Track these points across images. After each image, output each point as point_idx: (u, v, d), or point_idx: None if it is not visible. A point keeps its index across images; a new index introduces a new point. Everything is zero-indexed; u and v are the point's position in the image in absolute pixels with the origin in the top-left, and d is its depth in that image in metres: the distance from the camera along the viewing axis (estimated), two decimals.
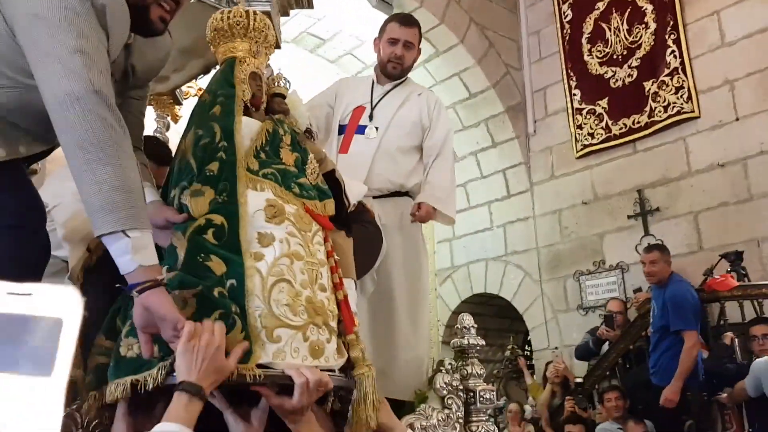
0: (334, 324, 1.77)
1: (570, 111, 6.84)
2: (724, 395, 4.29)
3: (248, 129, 1.87)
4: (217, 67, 2.07)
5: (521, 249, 7.16)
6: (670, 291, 4.49)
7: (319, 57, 7.32)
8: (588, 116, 6.68)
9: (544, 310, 6.85)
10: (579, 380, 5.57)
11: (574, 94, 6.82)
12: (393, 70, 2.92)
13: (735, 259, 5.04)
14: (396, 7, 6.37)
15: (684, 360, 4.36)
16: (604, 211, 6.48)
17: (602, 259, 6.44)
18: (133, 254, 1.39)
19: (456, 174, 8.26)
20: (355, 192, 2.36)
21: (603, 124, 6.53)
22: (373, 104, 2.90)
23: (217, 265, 1.63)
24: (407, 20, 3.01)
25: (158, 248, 1.55)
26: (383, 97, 2.92)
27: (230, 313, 1.56)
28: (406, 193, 2.87)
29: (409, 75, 3.05)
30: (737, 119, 5.62)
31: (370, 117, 2.84)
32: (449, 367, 2.53)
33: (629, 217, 6.23)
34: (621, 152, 6.39)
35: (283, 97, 2.07)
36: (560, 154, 6.93)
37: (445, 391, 2.47)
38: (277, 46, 3.03)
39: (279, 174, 1.83)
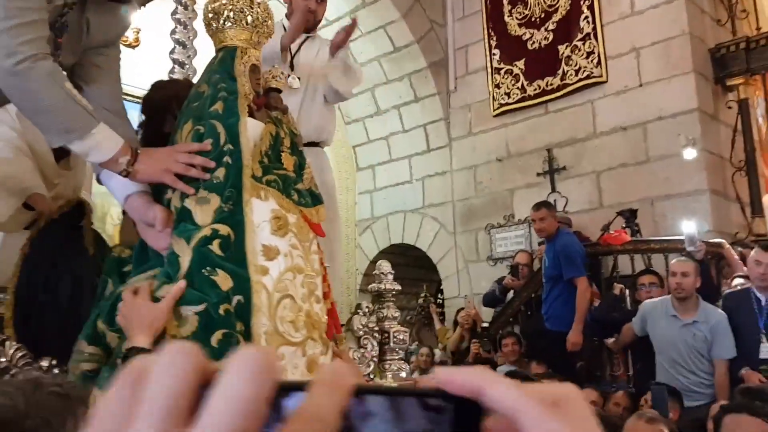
0: (325, 335, 1.78)
1: (489, 70, 7.06)
2: (612, 340, 4.71)
3: (252, 131, 1.77)
4: (215, 53, 1.95)
5: (438, 202, 7.43)
6: (559, 243, 4.84)
7: None
8: (506, 76, 6.93)
9: (457, 260, 7.20)
10: (485, 325, 5.94)
11: (494, 54, 7.04)
12: (307, 23, 3.01)
13: (630, 216, 5.47)
14: None
15: (580, 303, 4.74)
16: (516, 168, 6.81)
17: (512, 213, 6.79)
18: (87, 157, 1.67)
19: (378, 127, 8.35)
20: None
21: (519, 84, 6.80)
22: (292, 54, 2.99)
23: (224, 280, 1.58)
24: None
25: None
26: (299, 48, 3.03)
27: (234, 333, 1.54)
28: (318, 144, 2.99)
29: (335, 24, 3.16)
30: (641, 85, 5.99)
31: (291, 67, 2.94)
32: (366, 310, 2.72)
33: (538, 174, 6.58)
34: (534, 112, 6.69)
35: (280, 92, 1.99)
36: (478, 112, 7.17)
37: (361, 332, 2.66)
38: None
39: (281, 180, 1.78)
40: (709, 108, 5.81)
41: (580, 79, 6.33)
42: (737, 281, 4.43)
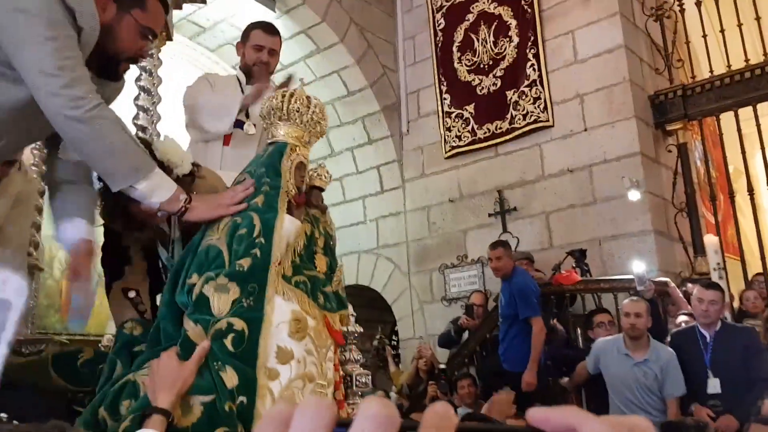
0: None
1: (440, 114, 7.24)
2: (566, 379, 4.80)
3: (288, 228, 1.76)
4: (265, 146, 1.94)
5: (392, 243, 7.49)
6: (515, 283, 4.94)
7: (199, 45, 7.23)
8: (456, 120, 7.11)
9: (411, 301, 7.24)
10: (442, 366, 5.96)
11: (445, 99, 7.22)
12: (259, 74, 3.07)
13: (579, 256, 5.63)
14: (279, 4, 6.46)
15: (535, 344, 4.81)
16: (468, 209, 6.94)
17: (465, 253, 6.90)
18: (150, 198, 1.75)
19: (332, 168, 8.41)
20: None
21: (469, 127, 6.98)
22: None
23: (230, 377, 1.55)
24: (271, 29, 3.19)
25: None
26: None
27: None
28: None
29: (292, 68, 3.23)
30: (585, 130, 6.23)
31: (247, 114, 2.99)
32: None
33: (490, 215, 6.72)
34: (484, 155, 6.87)
35: (322, 190, 1.98)
36: (430, 154, 7.31)
37: None
38: (169, 39, 3.07)
39: (310, 282, 1.76)
40: (651, 152, 6.09)
41: (528, 123, 6.54)
42: (681, 318, 4.60)
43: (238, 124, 3.02)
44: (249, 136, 3.01)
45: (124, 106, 3.30)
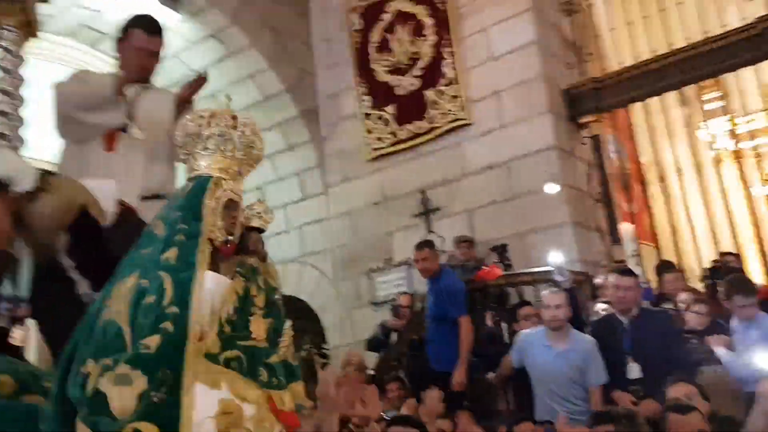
0: None
1: (360, 116, 7.14)
2: (492, 374, 4.75)
3: (212, 291, 1.44)
4: (182, 180, 1.61)
5: (317, 250, 7.34)
6: (443, 282, 4.88)
7: (100, 52, 6.89)
8: (377, 121, 7.03)
9: (339, 308, 7.10)
10: (371, 372, 5.83)
11: (364, 100, 7.14)
12: (140, 76, 2.84)
13: (501, 251, 5.63)
14: (185, 6, 6.23)
15: (464, 343, 4.74)
16: (393, 211, 6.87)
17: (391, 256, 6.81)
18: None
19: (251, 176, 8.23)
20: (106, 193, 2.12)
21: (390, 129, 6.92)
22: (129, 103, 2.80)
23: None
24: (154, 28, 2.88)
25: None
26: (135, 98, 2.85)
27: None
28: (163, 197, 2.81)
29: (202, 72, 2.99)
30: (503, 126, 6.26)
31: (130, 117, 2.76)
32: None
33: (414, 216, 6.67)
34: (407, 156, 6.81)
35: (262, 231, 1.67)
36: (352, 158, 7.21)
37: None
38: (33, 35, 2.80)
39: (246, 357, 1.43)
40: (566, 145, 6.17)
41: (448, 122, 6.54)
42: (600, 306, 4.63)
43: (124, 128, 2.79)
44: (135, 140, 2.76)
45: None
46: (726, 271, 4.86)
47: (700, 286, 5.53)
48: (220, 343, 1.40)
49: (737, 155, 6.36)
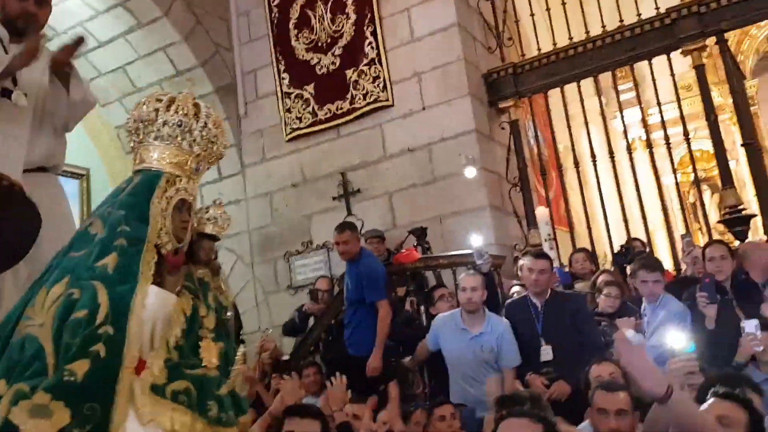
0: None
1: (279, 95, 6.93)
2: (409, 358, 4.72)
3: (156, 309, 1.22)
4: (129, 172, 1.32)
5: (233, 232, 7.09)
6: (362, 266, 4.79)
7: None
8: (296, 100, 6.84)
9: (256, 292, 6.90)
10: (286, 358, 5.70)
11: (283, 78, 6.93)
12: (25, 25, 2.55)
13: (420, 234, 5.60)
14: None
15: (381, 328, 4.68)
16: (312, 193, 6.72)
17: (310, 239, 6.67)
18: None
19: None
20: None
21: (310, 108, 6.74)
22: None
23: None
24: None
25: None
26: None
27: None
28: (48, 170, 2.58)
29: (108, 46, 2.73)
30: (424, 108, 6.21)
31: (14, 81, 2.49)
32: None
33: (334, 198, 6.54)
34: (327, 137, 6.66)
35: (216, 239, 1.47)
36: (271, 137, 7.00)
37: None
38: None
39: (195, 388, 1.22)
40: (485, 129, 6.18)
41: (369, 103, 6.42)
42: (515, 289, 4.67)
43: (4, 92, 2.51)
44: (17, 109, 2.49)
45: None
46: (633, 255, 5.00)
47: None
48: (167, 372, 1.20)
49: (649, 144, 6.55)
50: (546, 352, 4.02)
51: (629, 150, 6.26)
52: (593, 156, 6.18)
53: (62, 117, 2.52)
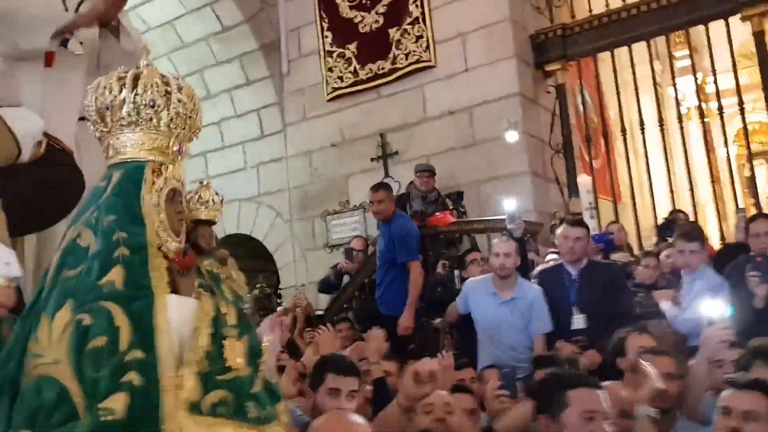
0: None
1: (322, 53, 6.88)
2: (438, 320, 4.72)
3: (178, 319, 1.11)
4: (107, 168, 1.21)
5: (274, 190, 7.17)
6: (395, 226, 4.78)
7: None
8: (338, 59, 6.78)
9: (294, 249, 6.98)
10: (320, 312, 5.78)
11: (326, 36, 6.87)
12: None
13: (456, 198, 5.54)
14: None
15: (413, 288, 4.69)
16: (351, 154, 6.70)
17: (347, 199, 6.68)
18: None
19: (209, 111, 8.00)
20: (29, 129, 1.90)
21: (352, 68, 6.69)
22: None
23: None
24: None
25: None
26: (77, 7, 2.59)
27: None
28: None
29: (156, 1, 2.73)
30: (467, 70, 6.08)
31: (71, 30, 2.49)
32: None
33: (372, 159, 6.52)
34: (367, 97, 6.61)
35: (212, 224, 1.32)
36: (312, 96, 6.98)
37: None
38: None
39: (232, 395, 1.11)
40: (530, 92, 6.02)
41: (411, 63, 6.33)
42: (550, 257, 4.59)
43: (62, 43, 2.54)
44: (74, 57, 2.52)
45: None
46: (676, 227, 4.85)
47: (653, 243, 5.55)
48: (202, 386, 1.07)
49: (701, 115, 6.29)
50: (578, 321, 3.94)
51: (680, 120, 6.03)
52: (642, 125, 5.97)
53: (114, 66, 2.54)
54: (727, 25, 5.52)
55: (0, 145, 1.73)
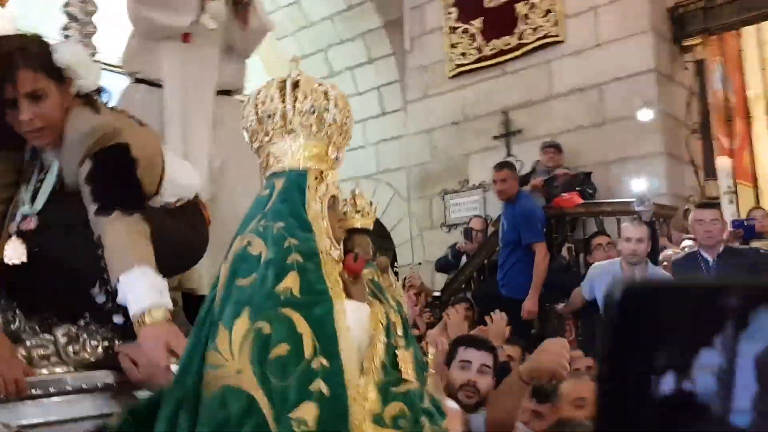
0: None
1: (445, 29, 6.81)
2: (562, 305, 4.60)
3: (356, 326, 1.09)
4: (266, 178, 1.23)
5: (393, 167, 7.22)
6: (519, 206, 4.69)
7: None
8: (462, 35, 6.69)
9: (411, 227, 7.02)
10: (437, 293, 5.79)
11: (450, 12, 6.78)
12: None
13: (584, 179, 5.34)
14: None
15: (538, 270, 4.59)
16: (472, 132, 6.62)
17: (467, 178, 6.62)
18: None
19: None
20: (184, 183, 1.90)
21: (475, 44, 6.57)
22: None
23: None
24: None
25: None
26: None
27: None
28: (231, 93, 2.68)
29: None
30: (598, 45, 5.81)
31: (201, 7, 2.59)
32: None
33: (494, 138, 6.40)
34: (491, 73, 6.48)
35: (367, 232, 1.30)
36: (434, 73, 6.93)
37: None
38: None
39: (408, 408, 1.08)
40: (666, 69, 5.68)
41: (537, 39, 6.13)
42: (685, 243, 4.35)
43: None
44: (208, 31, 2.63)
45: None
46: None
47: None
48: (381, 397, 1.05)
49: None
50: None
51: None
52: None
53: (242, 43, 2.64)
54: None
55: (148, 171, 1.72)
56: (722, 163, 5.23)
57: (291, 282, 1.05)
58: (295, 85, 1.22)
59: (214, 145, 2.42)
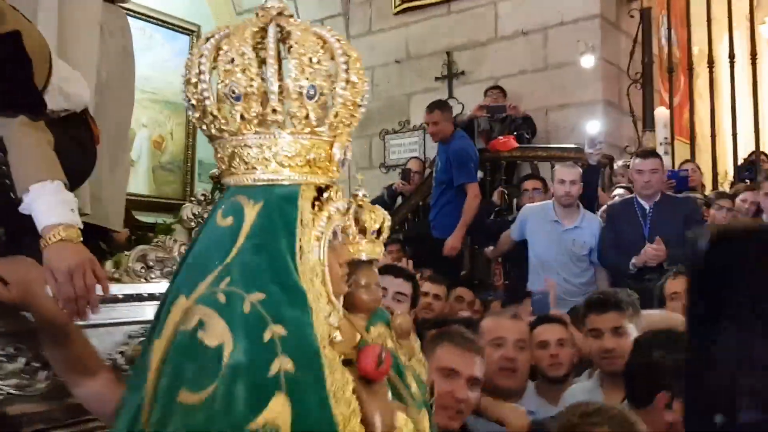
0: None
1: None
2: (490, 248, 4.56)
3: None
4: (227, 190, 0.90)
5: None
6: (453, 147, 4.59)
7: None
8: None
9: (348, 167, 6.84)
10: None
11: None
12: None
13: (522, 123, 5.26)
14: None
15: (467, 209, 4.52)
16: (414, 72, 6.44)
17: (407, 119, 6.47)
18: None
19: None
20: (72, 92, 1.63)
21: None
22: None
23: None
24: None
25: None
26: None
27: None
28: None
29: None
30: None
31: None
32: (201, 198, 2.30)
33: (437, 79, 6.24)
34: (436, 11, 6.28)
35: (371, 263, 1.01)
36: (379, 8, 6.68)
37: (193, 223, 2.24)
38: None
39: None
40: (611, 15, 5.59)
41: None
42: (617, 191, 4.35)
43: None
44: None
45: None
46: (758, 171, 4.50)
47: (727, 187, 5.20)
48: None
49: None
50: None
51: None
52: (732, 56, 5.49)
53: None
54: None
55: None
56: (661, 113, 5.21)
57: (277, 412, 0.67)
58: (283, 38, 0.79)
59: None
